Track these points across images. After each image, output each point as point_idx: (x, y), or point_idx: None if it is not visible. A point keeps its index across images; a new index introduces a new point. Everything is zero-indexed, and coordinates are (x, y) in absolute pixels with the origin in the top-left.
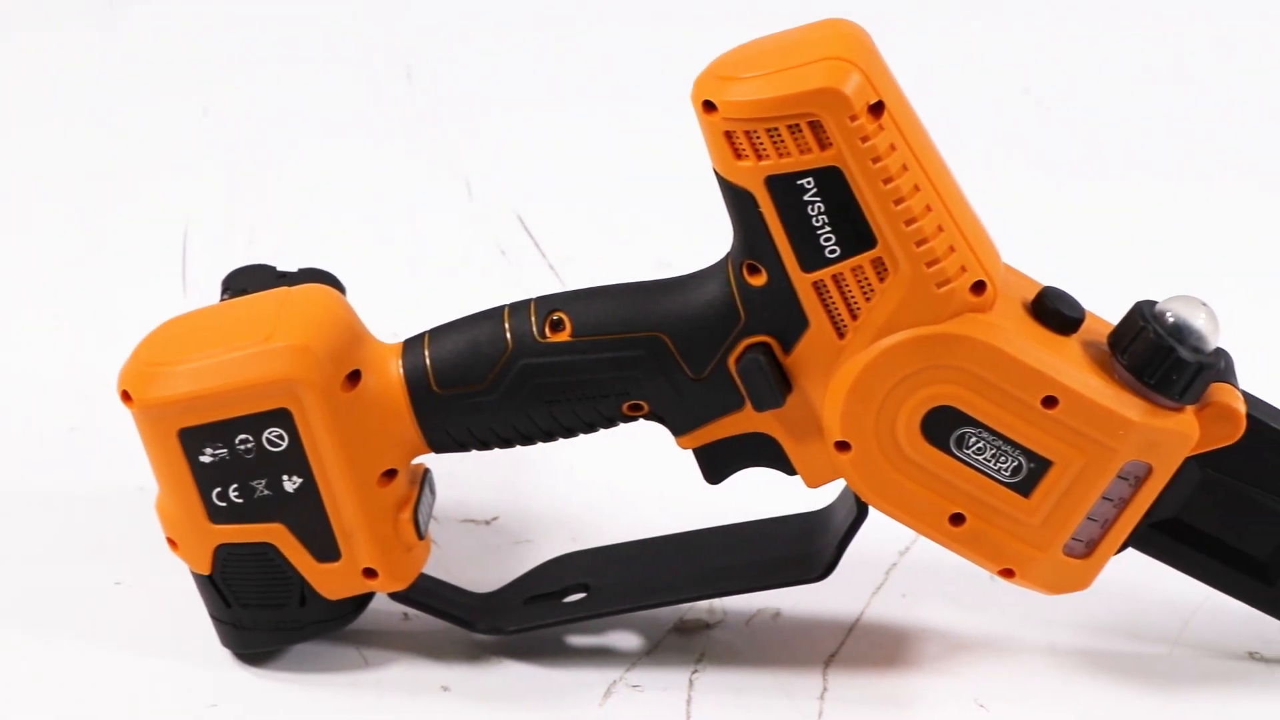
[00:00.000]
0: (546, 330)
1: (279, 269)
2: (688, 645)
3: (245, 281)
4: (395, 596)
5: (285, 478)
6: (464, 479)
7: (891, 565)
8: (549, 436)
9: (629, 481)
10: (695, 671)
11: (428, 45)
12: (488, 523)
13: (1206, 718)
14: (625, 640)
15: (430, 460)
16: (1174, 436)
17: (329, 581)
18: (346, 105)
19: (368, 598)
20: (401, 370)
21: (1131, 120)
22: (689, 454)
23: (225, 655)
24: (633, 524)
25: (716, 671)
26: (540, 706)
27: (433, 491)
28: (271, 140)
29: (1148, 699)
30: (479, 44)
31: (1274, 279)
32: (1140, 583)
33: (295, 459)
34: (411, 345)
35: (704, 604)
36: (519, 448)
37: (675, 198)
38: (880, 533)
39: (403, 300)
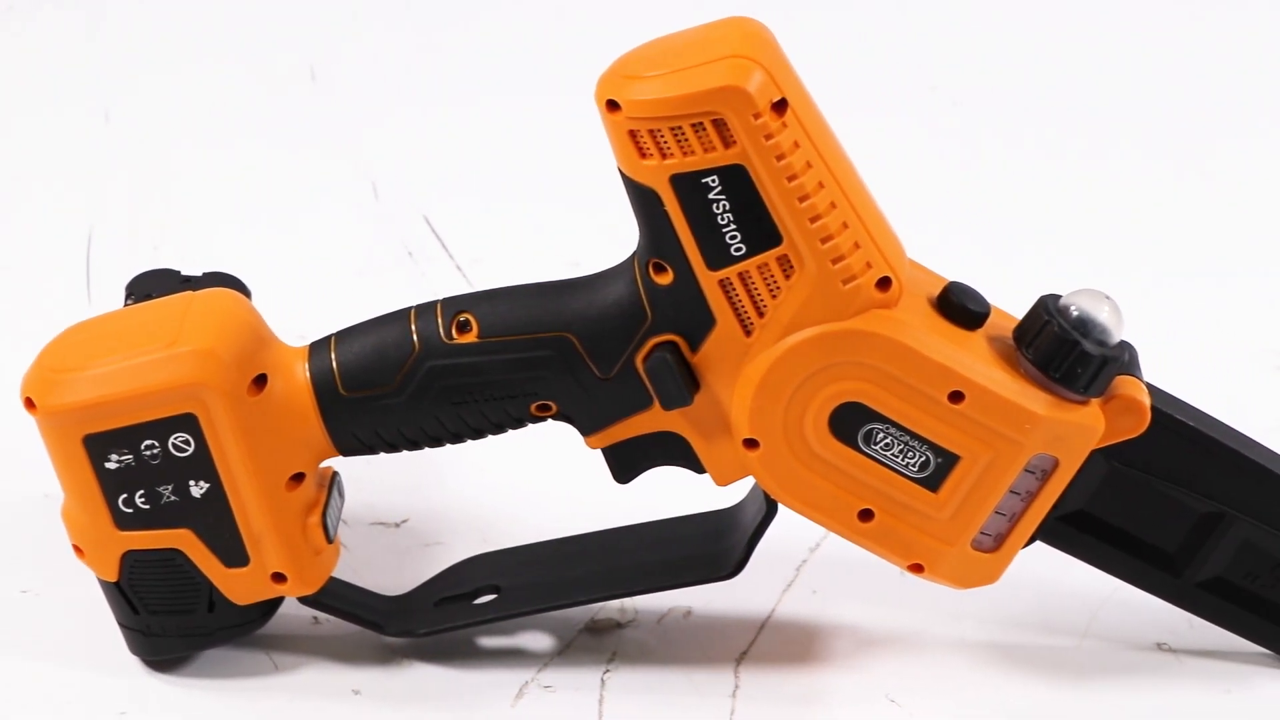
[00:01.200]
0: (453, 331)
1: (183, 273)
2: (599, 645)
3: (150, 286)
4: (305, 600)
5: (192, 483)
6: (373, 482)
7: (802, 562)
8: (457, 438)
9: (538, 482)
10: (607, 671)
11: (331, 46)
12: (397, 525)
13: (1115, 709)
14: (537, 641)
15: (339, 463)
16: (1080, 430)
17: (238, 586)
18: (250, 107)
19: (277, 602)
20: (308, 373)
21: (1037, 117)
22: (598, 454)
23: (134, 662)
24: (543, 524)
25: (628, 671)
26: (452, 708)
27: (341, 495)
28: (175, 144)
29: (1057, 691)
30: (383, 44)
31: (1177, 272)
32: (1049, 576)
33: (202, 464)
34: (318, 348)
35: (615, 603)
36: (428, 450)
37: (583, 197)
38: (790, 530)
39: (309, 303)
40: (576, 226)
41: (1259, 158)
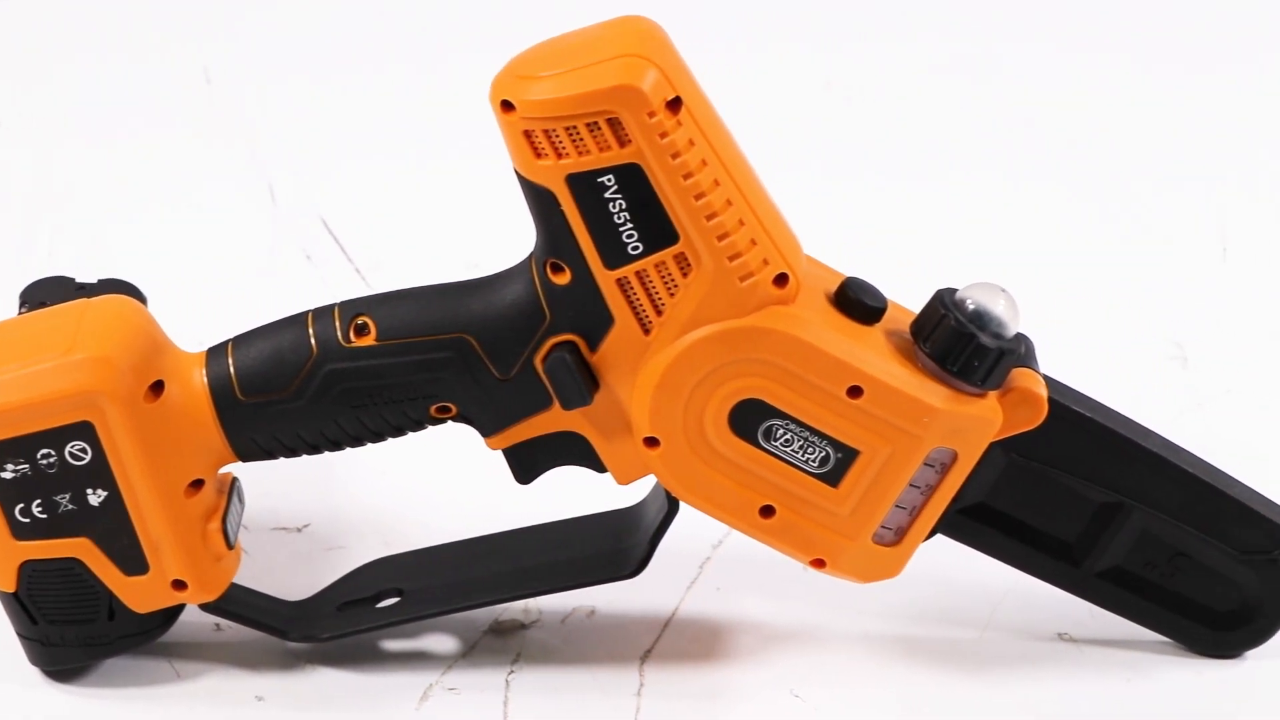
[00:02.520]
0: (351, 335)
1: (78, 280)
2: (504, 646)
3: (44, 294)
4: (206, 607)
5: (90, 491)
6: (273, 486)
7: (705, 559)
8: (357, 441)
9: (440, 484)
10: (512, 672)
11: (225, 47)
12: (299, 530)
13: (1018, 699)
14: (441, 643)
15: (238, 469)
16: (978, 422)
17: (138, 595)
18: (145, 110)
19: (178, 609)
20: (205, 379)
21: (931, 112)
22: (499, 455)
23: (34, 673)
24: (445, 526)
25: (533, 671)
26: (356, 712)
27: (241, 500)
28: (68, 148)
29: (960, 683)
30: (278, 46)
31: (1074, 264)
32: (950, 568)
33: (99, 472)
34: (215, 354)
35: (519, 604)
36: (328, 454)
37: (481, 199)
38: (693, 528)
39: (207, 308)
40: (474, 228)
41: (1155, 149)
